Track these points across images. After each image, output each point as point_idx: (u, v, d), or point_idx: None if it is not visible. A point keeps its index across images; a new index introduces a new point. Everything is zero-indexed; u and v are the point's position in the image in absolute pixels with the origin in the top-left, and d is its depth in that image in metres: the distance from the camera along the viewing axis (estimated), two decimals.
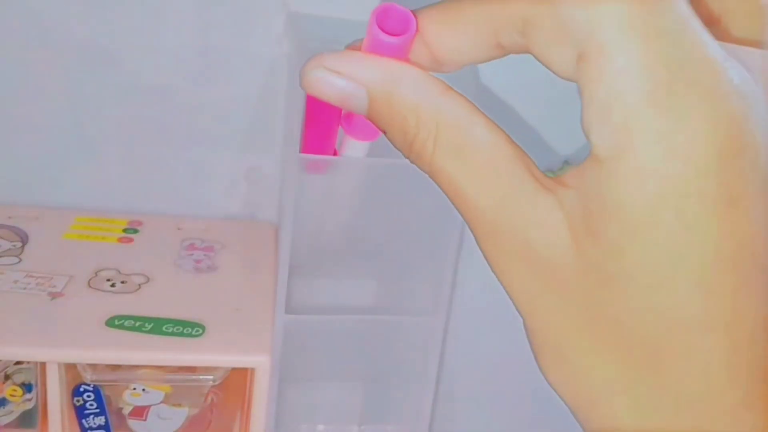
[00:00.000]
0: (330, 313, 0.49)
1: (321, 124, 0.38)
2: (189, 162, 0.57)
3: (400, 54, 0.21)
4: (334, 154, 0.41)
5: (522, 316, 0.20)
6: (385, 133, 0.21)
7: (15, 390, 0.45)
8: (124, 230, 0.54)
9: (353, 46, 0.23)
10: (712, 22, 0.22)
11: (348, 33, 0.56)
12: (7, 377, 0.45)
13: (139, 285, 0.48)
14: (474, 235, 0.20)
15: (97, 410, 0.46)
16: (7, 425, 0.45)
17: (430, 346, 0.49)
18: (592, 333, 0.18)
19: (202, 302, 0.47)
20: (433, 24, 0.21)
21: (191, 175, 0.57)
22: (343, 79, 0.21)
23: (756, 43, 0.21)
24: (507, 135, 0.20)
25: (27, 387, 0.45)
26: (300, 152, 0.40)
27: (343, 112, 0.25)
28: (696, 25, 0.17)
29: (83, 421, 0.46)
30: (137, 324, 0.44)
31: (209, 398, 0.48)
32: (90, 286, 0.47)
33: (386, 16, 0.22)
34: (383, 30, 0.21)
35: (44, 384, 0.44)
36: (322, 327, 0.49)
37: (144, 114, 0.55)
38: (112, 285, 0.48)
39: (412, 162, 0.21)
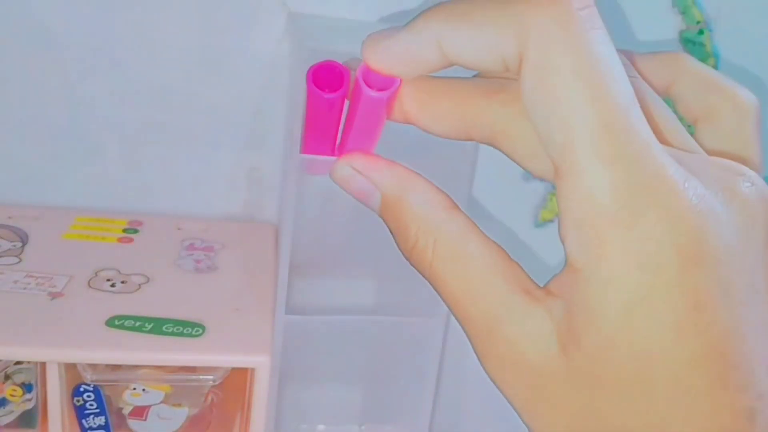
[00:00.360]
0: (330, 314, 0.49)
1: (321, 125, 0.37)
2: (189, 162, 0.57)
3: (382, 108, 0.23)
4: (335, 154, 0.41)
5: (522, 420, 0.21)
6: (391, 232, 0.24)
7: (15, 390, 0.45)
8: (124, 230, 0.54)
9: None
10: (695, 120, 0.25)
11: (348, 33, 0.56)
12: (7, 377, 0.45)
13: (139, 285, 0.48)
14: (469, 341, 0.22)
15: (97, 410, 0.46)
16: (7, 425, 0.45)
17: (431, 347, 0.49)
18: None
19: (202, 302, 0.47)
20: (411, 101, 0.23)
21: (191, 175, 0.57)
22: (364, 180, 0.24)
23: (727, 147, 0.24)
24: (501, 249, 0.22)
25: (27, 387, 0.45)
26: (300, 153, 0.40)
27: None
28: (658, 149, 0.19)
29: (83, 421, 0.46)
30: (137, 324, 0.44)
31: (209, 398, 0.48)
32: (90, 286, 0.47)
33: (369, 76, 0.24)
34: (368, 86, 0.23)
35: (44, 384, 0.44)
36: (323, 327, 0.49)
37: (144, 114, 0.55)
38: (112, 285, 0.48)
39: (412, 265, 0.23)
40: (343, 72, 0.23)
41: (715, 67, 0.58)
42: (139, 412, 0.46)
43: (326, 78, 0.24)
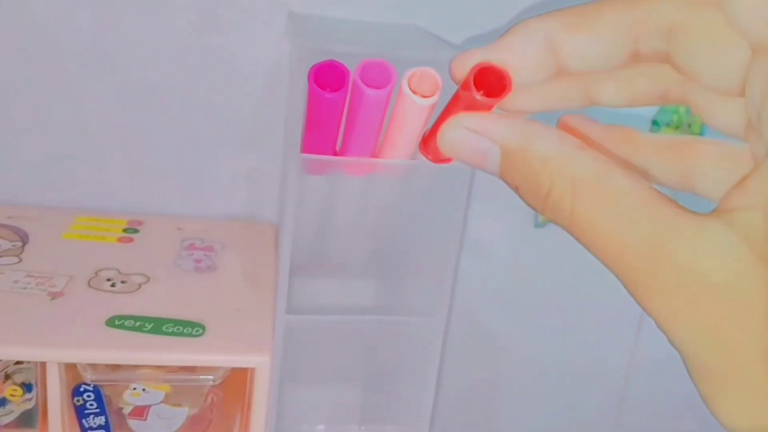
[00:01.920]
0: (330, 314, 0.49)
1: (322, 124, 0.38)
2: (189, 162, 0.57)
3: (382, 106, 0.22)
4: (335, 154, 0.41)
5: (690, 357, 0.19)
6: (516, 189, 0.21)
7: (15, 390, 0.45)
8: (124, 230, 0.54)
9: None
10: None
11: (348, 33, 0.56)
12: (7, 377, 0.45)
13: (139, 285, 0.48)
14: (627, 284, 0.19)
15: (97, 410, 0.46)
16: (7, 425, 0.45)
17: (431, 347, 0.49)
18: None
19: (202, 302, 0.47)
20: (565, 28, 0.21)
21: (191, 175, 0.57)
22: (479, 138, 0.21)
23: None
24: (646, 180, 0.20)
25: (27, 387, 0.45)
26: (301, 152, 0.40)
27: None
28: None
29: (83, 421, 0.45)
30: (137, 324, 0.44)
31: (209, 398, 0.48)
32: (90, 286, 0.47)
33: (367, 75, 0.23)
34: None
35: (44, 384, 0.44)
36: (323, 327, 0.49)
37: (144, 114, 0.55)
38: (113, 285, 0.48)
39: (547, 217, 0.20)
40: (344, 72, 0.23)
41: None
42: (139, 412, 0.46)
43: (327, 78, 0.24)
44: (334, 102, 0.35)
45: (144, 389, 0.46)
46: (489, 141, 0.21)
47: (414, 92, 0.30)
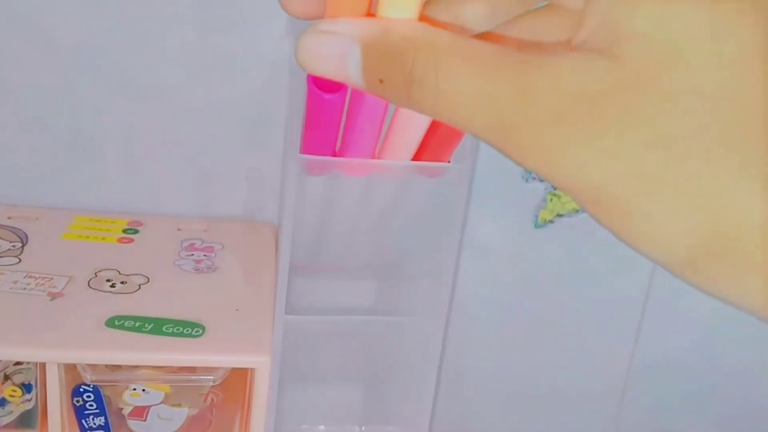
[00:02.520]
0: (330, 314, 0.49)
1: (322, 125, 0.38)
2: (189, 162, 0.57)
3: (383, 108, 0.22)
4: (335, 155, 0.41)
5: (583, 190, 0.18)
6: (380, 85, 0.20)
7: (14, 390, 0.45)
8: (124, 230, 0.54)
9: None
10: None
11: None
12: (6, 377, 0.45)
13: (139, 285, 0.48)
14: (505, 143, 0.19)
15: (97, 410, 0.46)
16: (6, 426, 0.45)
17: (430, 347, 0.49)
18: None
19: (202, 302, 0.47)
20: None
21: (191, 176, 0.57)
22: (335, 39, 0.20)
23: None
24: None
25: (26, 387, 0.45)
26: (301, 153, 0.40)
27: None
28: None
29: (83, 421, 0.45)
30: (137, 324, 0.44)
31: (209, 398, 0.48)
32: (90, 287, 0.47)
33: None
34: None
35: (44, 384, 0.44)
36: (323, 328, 0.49)
37: (144, 114, 0.55)
38: (112, 285, 0.48)
39: (413, 102, 0.20)
40: None
41: None
42: (139, 412, 0.46)
43: (327, 79, 0.24)
44: (333, 103, 0.35)
45: (144, 390, 0.46)
46: (348, 38, 0.20)
47: None
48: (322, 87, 0.34)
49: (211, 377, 0.45)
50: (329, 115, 0.36)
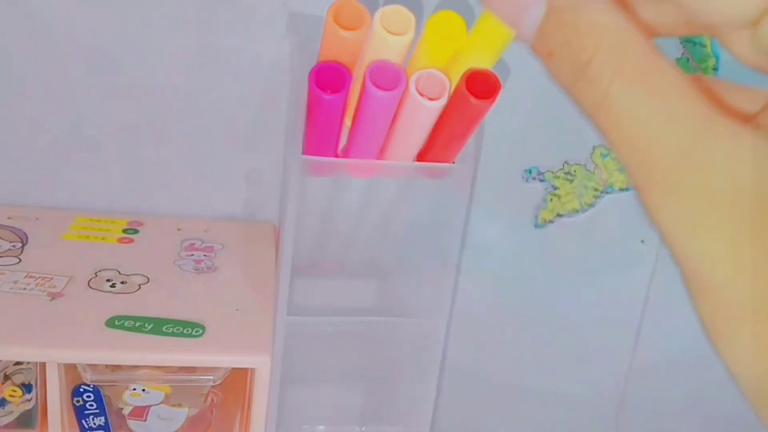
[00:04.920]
0: (331, 314, 0.49)
1: (323, 126, 0.37)
2: (189, 162, 0.57)
3: (390, 108, 0.21)
4: (336, 155, 0.41)
5: (707, 276, 0.17)
6: (549, 56, 0.19)
7: (14, 390, 0.45)
8: (124, 230, 0.54)
9: None
10: None
11: None
12: (6, 378, 0.45)
13: (139, 285, 0.48)
14: (645, 182, 0.18)
15: (97, 410, 0.46)
16: (6, 426, 0.45)
17: (432, 348, 0.49)
18: None
19: (202, 302, 0.47)
20: None
21: (191, 175, 0.57)
22: None
23: None
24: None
25: (26, 387, 0.45)
26: (302, 153, 0.40)
27: None
28: None
29: (83, 421, 0.45)
30: (137, 324, 0.44)
31: (209, 398, 0.48)
32: (90, 287, 0.47)
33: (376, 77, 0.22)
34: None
35: (44, 384, 0.44)
36: (323, 328, 0.49)
37: (144, 114, 0.55)
38: (112, 285, 0.48)
39: (575, 92, 0.18)
40: (345, 73, 0.23)
41: (715, 67, 0.58)
42: (139, 412, 0.46)
43: (328, 79, 0.24)
44: (334, 104, 0.35)
45: (144, 390, 0.46)
46: None
47: (421, 95, 0.30)
48: (323, 87, 0.34)
49: (211, 377, 0.45)
50: (330, 115, 0.36)
